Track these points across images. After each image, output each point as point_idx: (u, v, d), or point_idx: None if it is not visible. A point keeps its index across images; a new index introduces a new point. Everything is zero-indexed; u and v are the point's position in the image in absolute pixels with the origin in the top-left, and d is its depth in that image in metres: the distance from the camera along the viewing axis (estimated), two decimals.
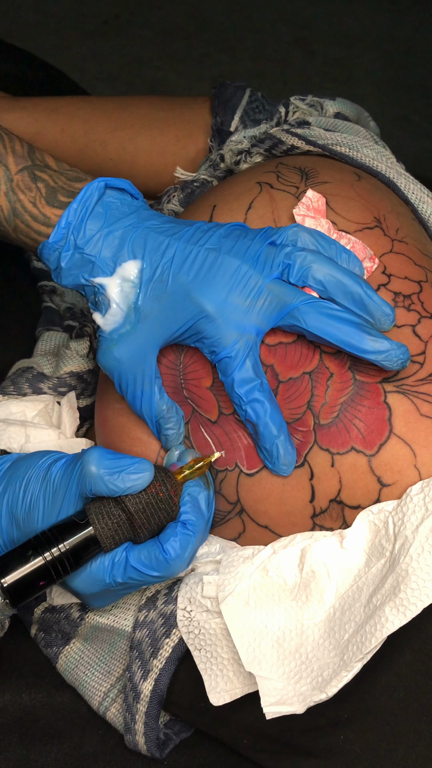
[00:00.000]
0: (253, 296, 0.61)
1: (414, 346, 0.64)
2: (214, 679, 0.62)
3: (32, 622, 0.74)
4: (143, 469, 0.60)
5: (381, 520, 0.61)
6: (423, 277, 0.66)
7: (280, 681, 0.59)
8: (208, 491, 0.63)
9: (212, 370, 0.65)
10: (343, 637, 0.59)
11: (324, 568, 0.61)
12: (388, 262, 0.66)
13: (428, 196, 0.74)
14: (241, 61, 2.01)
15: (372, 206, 0.69)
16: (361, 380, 0.62)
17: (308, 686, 0.58)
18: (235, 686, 0.62)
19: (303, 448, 0.63)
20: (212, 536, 0.67)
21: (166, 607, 0.66)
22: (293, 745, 0.62)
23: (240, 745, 0.66)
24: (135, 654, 0.66)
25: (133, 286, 0.63)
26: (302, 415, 0.63)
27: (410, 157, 1.17)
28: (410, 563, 0.57)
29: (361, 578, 0.60)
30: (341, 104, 0.84)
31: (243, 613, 0.62)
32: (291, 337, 0.64)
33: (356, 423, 0.62)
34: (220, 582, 0.63)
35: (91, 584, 0.61)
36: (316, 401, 0.63)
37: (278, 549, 0.63)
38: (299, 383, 0.63)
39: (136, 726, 0.66)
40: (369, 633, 0.57)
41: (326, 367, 0.63)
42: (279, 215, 0.68)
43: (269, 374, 0.64)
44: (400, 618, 0.56)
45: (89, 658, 0.71)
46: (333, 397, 0.62)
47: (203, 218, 0.71)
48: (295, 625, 0.61)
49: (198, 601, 0.64)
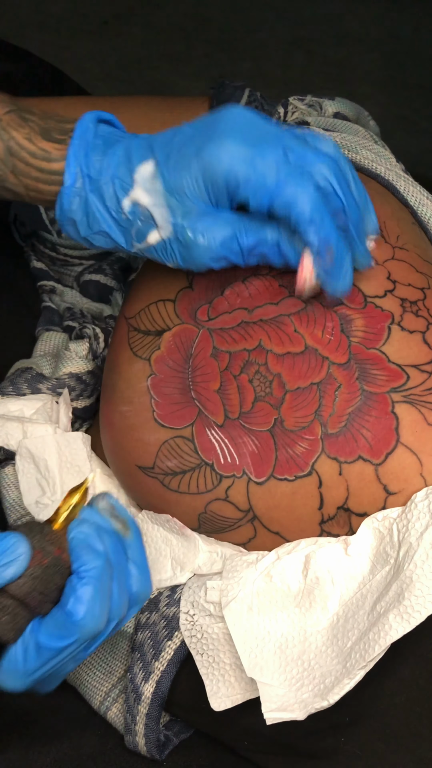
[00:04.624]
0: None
1: (423, 354, 0.63)
2: (215, 684, 0.62)
3: None
4: (16, 553, 0.54)
5: (386, 527, 0.60)
6: (425, 284, 0.66)
7: (282, 687, 0.59)
8: (105, 518, 0.58)
9: (220, 374, 0.65)
10: (346, 644, 0.58)
11: (328, 574, 0.61)
12: (391, 269, 0.66)
13: (428, 198, 0.74)
14: (241, 61, 2.01)
15: None
16: (369, 390, 0.62)
17: (310, 693, 0.58)
18: (237, 692, 0.62)
19: (310, 456, 0.62)
20: (216, 542, 0.67)
21: (169, 610, 0.66)
22: (294, 747, 0.62)
23: (240, 747, 0.66)
24: (137, 656, 0.66)
25: (155, 179, 0.60)
26: (309, 423, 0.63)
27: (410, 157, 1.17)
28: (414, 570, 0.57)
29: (365, 585, 0.60)
30: (340, 104, 0.84)
31: (246, 619, 0.62)
32: (299, 347, 0.64)
33: (364, 432, 0.62)
34: (224, 587, 0.63)
35: (18, 680, 0.55)
36: (324, 411, 0.62)
37: (282, 555, 0.63)
38: (307, 393, 0.63)
39: (136, 727, 0.66)
40: (372, 640, 0.57)
41: (334, 378, 0.63)
42: None
43: (276, 383, 0.63)
44: (404, 625, 0.56)
45: (91, 658, 0.71)
46: (341, 407, 0.62)
47: None
48: (298, 631, 0.61)
49: (201, 605, 0.64)
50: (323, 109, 0.84)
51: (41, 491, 0.73)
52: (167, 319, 0.69)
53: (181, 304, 0.68)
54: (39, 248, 0.91)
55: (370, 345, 0.63)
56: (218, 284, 0.67)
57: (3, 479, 0.76)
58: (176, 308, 0.68)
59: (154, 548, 0.69)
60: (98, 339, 0.82)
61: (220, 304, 0.67)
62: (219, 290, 0.67)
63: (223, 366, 0.65)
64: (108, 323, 0.86)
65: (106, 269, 0.90)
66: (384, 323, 0.64)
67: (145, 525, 0.69)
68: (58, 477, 0.73)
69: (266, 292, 0.66)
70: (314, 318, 0.64)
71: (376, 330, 0.64)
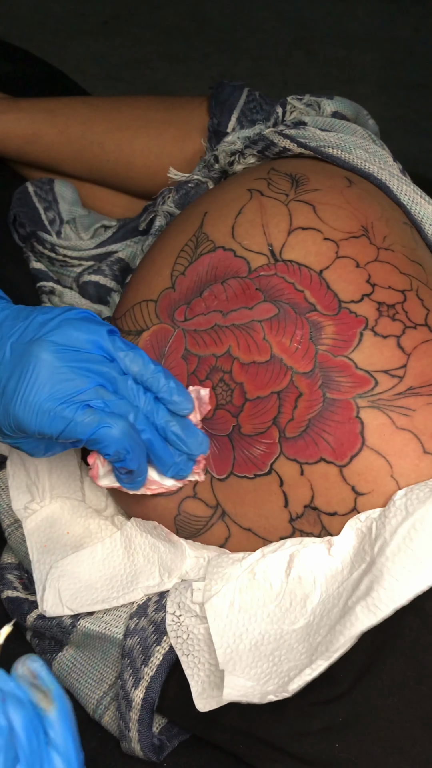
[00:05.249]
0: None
1: (396, 358, 0.63)
2: (200, 684, 0.62)
3: (26, 629, 0.74)
4: None
5: (367, 527, 0.61)
6: (408, 286, 0.66)
7: (251, 680, 0.59)
8: (22, 687, 0.46)
9: (187, 377, 0.66)
10: (316, 640, 0.58)
11: (311, 574, 0.61)
12: (372, 271, 0.66)
13: (422, 197, 0.74)
14: (241, 61, 2.01)
15: (360, 214, 0.69)
16: (332, 397, 0.63)
17: (274, 686, 0.58)
18: (222, 692, 0.61)
19: (268, 458, 0.64)
20: (202, 546, 0.67)
21: (157, 615, 0.66)
22: (287, 750, 0.62)
23: (236, 750, 0.66)
24: (126, 662, 0.66)
25: None
26: (266, 429, 0.64)
27: (410, 156, 1.17)
28: (385, 563, 0.57)
29: (343, 584, 0.60)
30: (339, 103, 0.84)
31: (226, 615, 0.62)
32: (265, 356, 0.64)
33: (325, 436, 0.62)
34: (207, 582, 0.63)
35: None
36: (282, 418, 0.63)
37: (267, 553, 0.63)
38: (266, 402, 0.64)
39: (130, 733, 0.66)
40: (338, 632, 0.56)
41: (296, 387, 0.63)
42: (267, 221, 0.68)
43: (237, 392, 0.65)
44: (370, 618, 0.56)
45: (82, 666, 0.71)
46: (300, 414, 0.63)
47: (194, 224, 0.71)
48: (275, 630, 0.61)
49: (187, 606, 0.64)
50: (321, 109, 0.84)
51: (30, 496, 0.74)
52: (147, 319, 0.70)
53: (162, 304, 0.69)
54: (38, 249, 0.91)
55: (338, 352, 0.64)
56: (199, 286, 0.68)
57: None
58: (157, 308, 0.69)
59: (143, 555, 0.69)
60: None
61: (197, 305, 0.68)
62: (199, 291, 0.68)
63: (191, 369, 0.66)
64: None
65: (105, 270, 0.90)
66: (356, 329, 0.64)
67: (133, 532, 0.70)
68: (47, 483, 0.74)
69: (243, 295, 0.66)
70: (285, 325, 0.65)
71: (346, 337, 0.64)
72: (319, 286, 0.65)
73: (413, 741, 0.58)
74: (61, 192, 0.95)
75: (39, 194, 0.94)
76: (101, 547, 0.70)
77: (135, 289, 0.72)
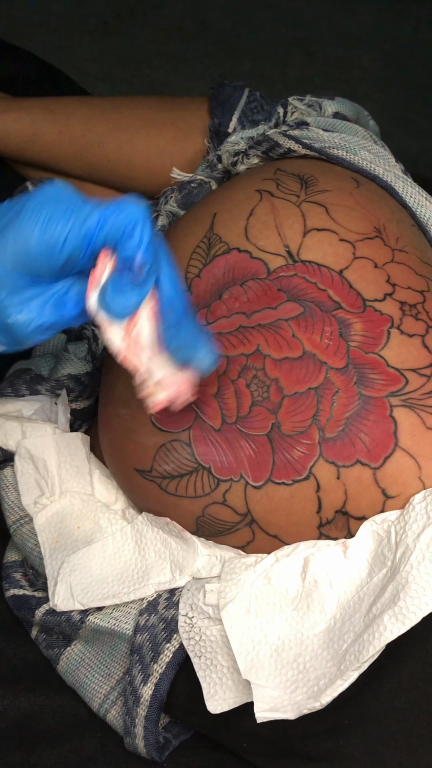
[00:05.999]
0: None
1: (422, 357, 0.63)
2: (212, 687, 0.62)
3: (33, 624, 0.74)
4: None
5: (384, 530, 0.60)
6: (425, 287, 0.66)
7: (277, 690, 0.59)
8: None
9: (218, 379, 0.65)
10: (342, 647, 0.58)
11: (326, 577, 0.61)
12: (390, 272, 0.66)
13: (427, 199, 0.74)
14: (241, 61, 2.01)
15: (372, 215, 0.69)
16: (367, 395, 0.62)
17: (303, 695, 0.58)
18: (234, 695, 0.61)
19: (308, 460, 0.62)
20: (215, 545, 0.66)
21: (167, 612, 0.65)
22: (293, 750, 0.62)
23: (240, 749, 0.66)
24: (135, 658, 0.66)
25: None
26: (307, 428, 0.62)
27: (410, 157, 1.17)
28: (410, 571, 0.57)
29: (363, 588, 0.60)
30: (340, 104, 0.84)
31: (243, 621, 0.61)
32: (297, 352, 0.63)
33: (362, 437, 0.62)
34: (222, 589, 0.63)
35: None
36: (321, 416, 0.62)
37: (281, 557, 0.62)
38: (305, 398, 0.63)
39: (135, 729, 0.66)
40: (367, 642, 0.56)
41: (332, 383, 0.62)
42: (281, 223, 0.68)
43: (273, 388, 0.63)
44: (398, 626, 0.56)
45: (90, 661, 0.71)
46: (338, 412, 0.62)
47: (204, 225, 0.70)
48: (294, 635, 0.61)
49: (200, 607, 0.64)
50: (323, 109, 0.84)
51: (40, 491, 0.73)
52: None
53: None
54: None
55: (368, 349, 0.63)
56: (217, 288, 0.67)
57: (2, 481, 0.76)
58: None
59: (154, 551, 0.68)
60: (97, 340, 0.82)
61: (218, 308, 0.67)
62: (217, 294, 0.67)
63: (221, 370, 0.65)
64: None
65: None
66: (383, 327, 0.64)
67: (144, 528, 0.69)
68: (57, 477, 0.73)
69: (264, 296, 0.66)
70: (312, 323, 0.64)
71: (375, 334, 0.63)
72: (341, 286, 0.65)
73: (420, 742, 0.58)
74: None
75: None
76: (112, 541, 0.70)
77: None
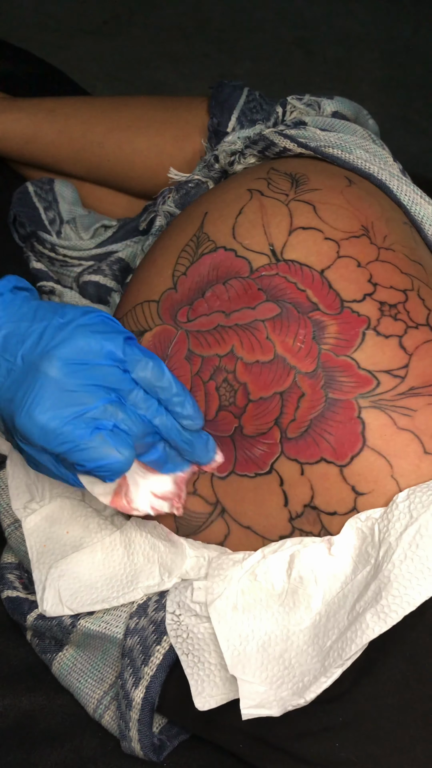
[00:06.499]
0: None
1: (398, 358, 0.63)
2: (200, 684, 0.62)
3: (26, 628, 0.74)
4: None
5: (368, 527, 0.61)
6: (409, 286, 0.66)
7: (263, 685, 0.59)
8: None
9: (191, 378, 0.66)
10: (326, 643, 0.58)
11: (312, 574, 0.61)
12: (374, 271, 0.66)
13: (422, 197, 0.74)
14: (241, 61, 2.01)
15: (360, 213, 0.69)
16: (334, 397, 0.63)
17: (288, 691, 0.58)
18: (222, 691, 0.62)
19: (269, 457, 0.63)
20: (202, 545, 0.67)
21: (157, 614, 0.66)
22: (288, 751, 0.62)
23: (236, 749, 0.66)
24: (126, 661, 0.66)
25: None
26: (268, 430, 0.63)
27: (410, 157, 1.17)
28: (392, 570, 0.57)
29: (347, 585, 0.60)
30: (339, 103, 0.84)
31: (230, 617, 0.62)
32: (269, 355, 0.64)
33: (326, 436, 0.62)
34: (209, 585, 0.63)
35: None
36: (284, 418, 0.63)
37: (267, 554, 0.63)
38: (269, 402, 0.64)
39: (130, 733, 0.66)
40: (350, 639, 0.57)
41: (299, 387, 0.63)
42: (268, 221, 0.68)
43: (240, 393, 0.64)
44: (380, 625, 0.56)
45: (82, 665, 0.71)
46: (303, 415, 0.63)
47: (195, 224, 0.71)
48: (281, 630, 0.61)
49: (187, 605, 0.64)
50: (321, 109, 0.84)
51: (30, 496, 0.74)
52: (150, 319, 0.69)
53: (164, 305, 0.69)
54: (38, 249, 0.91)
55: (340, 352, 0.63)
56: (200, 286, 0.68)
57: None
58: (159, 309, 0.69)
59: (143, 555, 0.69)
60: None
61: (200, 305, 0.67)
62: (201, 292, 0.68)
63: (195, 370, 0.66)
64: None
65: (105, 270, 0.90)
66: (358, 329, 0.64)
67: (133, 532, 0.70)
68: (47, 482, 0.74)
69: (245, 295, 0.66)
70: (288, 324, 0.65)
71: (349, 336, 0.64)
72: (321, 286, 0.65)
73: (413, 741, 0.58)
74: (61, 192, 0.95)
75: (39, 194, 0.94)
76: (101, 547, 0.70)
77: (136, 290, 0.72)
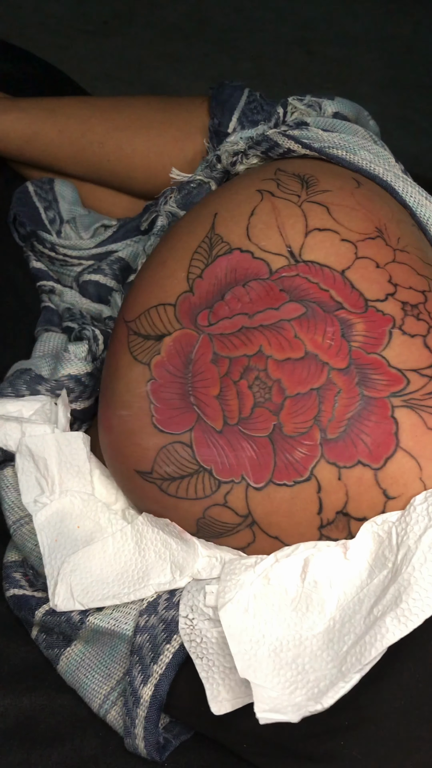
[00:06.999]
0: None
1: (424, 358, 0.63)
2: (216, 688, 0.62)
3: (33, 624, 0.74)
4: None
5: (385, 531, 0.60)
6: (426, 287, 0.66)
7: (275, 690, 0.58)
8: None
9: (220, 380, 0.65)
10: (342, 648, 0.58)
11: (326, 578, 0.60)
12: (392, 272, 0.66)
13: (427, 198, 0.74)
14: (241, 61, 2.01)
15: (373, 215, 0.69)
16: (369, 395, 0.62)
17: (303, 697, 0.57)
18: (237, 695, 0.61)
19: (309, 461, 0.62)
20: (215, 546, 0.66)
21: (167, 613, 0.65)
22: (293, 750, 0.62)
23: (240, 749, 0.66)
24: (135, 659, 0.66)
25: None
26: (309, 429, 0.62)
27: (410, 157, 1.17)
28: (412, 573, 0.56)
29: (363, 590, 0.60)
30: (340, 104, 0.84)
31: (241, 621, 0.61)
32: (299, 352, 0.63)
33: (363, 437, 0.61)
34: (221, 589, 0.62)
35: None
36: (323, 416, 0.62)
37: (281, 558, 0.62)
38: (307, 399, 0.63)
39: (135, 730, 0.66)
40: (369, 644, 0.56)
41: (334, 383, 0.62)
42: (282, 223, 0.68)
43: (276, 389, 0.63)
44: (401, 628, 0.55)
45: (90, 661, 0.71)
46: (340, 412, 0.62)
47: (205, 225, 0.70)
48: (293, 635, 0.60)
49: (200, 609, 0.64)
50: (322, 109, 0.83)
51: (40, 490, 0.73)
52: (167, 323, 0.68)
53: (182, 309, 0.68)
54: (38, 248, 0.91)
55: (370, 350, 0.63)
56: (219, 289, 0.67)
57: (2, 481, 0.76)
58: (177, 312, 0.68)
59: (154, 551, 0.68)
60: (97, 341, 0.82)
61: (220, 309, 0.67)
62: (220, 295, 0.67)
63: (223, 372, 0.65)
64: (107, 324, 0.85)
65: (105, 269, 0.89)
66: (385, 327, 0.64)
67: (144, 528, 0.69)
68: (57, 476, 0.73)
69: (267, 296, 0.66)
70: (315, 323, 0.64)
71: (376, 334, 0.63)
72: (344, 285, 0.65)
73: (420, 742, 0.58)
74: (61, 191, 0.95)
75: (39, 194, 0.94)
76: (112, 541, 0.70)
77: (147, 291, 0.71)
